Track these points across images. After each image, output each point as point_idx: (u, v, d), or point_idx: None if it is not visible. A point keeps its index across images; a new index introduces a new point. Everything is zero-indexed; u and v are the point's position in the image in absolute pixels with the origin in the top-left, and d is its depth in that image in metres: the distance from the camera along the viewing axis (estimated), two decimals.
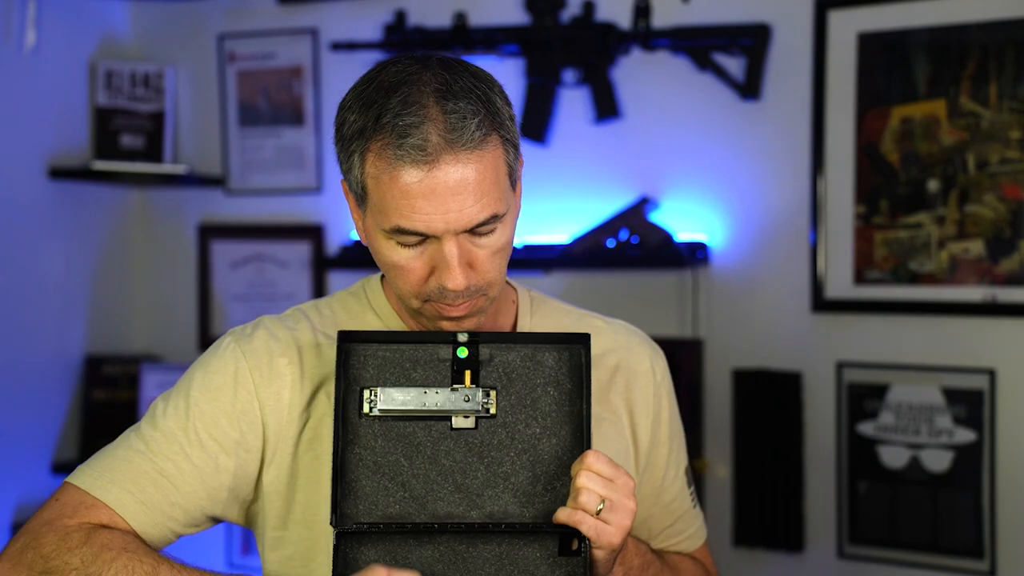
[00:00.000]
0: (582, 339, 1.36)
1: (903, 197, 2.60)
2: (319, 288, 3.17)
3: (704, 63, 2.76)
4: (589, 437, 1.33)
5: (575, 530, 1.29)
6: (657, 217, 2.81)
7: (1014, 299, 2.50)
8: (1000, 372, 2.53)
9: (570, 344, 1.37)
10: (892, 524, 2.63)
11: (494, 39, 2.89)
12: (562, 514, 1.29)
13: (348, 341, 1.36)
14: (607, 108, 2.84)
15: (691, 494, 1.58)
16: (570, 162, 2.89)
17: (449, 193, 1.27)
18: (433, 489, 1.33)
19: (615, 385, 1.49)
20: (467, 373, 1.36)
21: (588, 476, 1.27)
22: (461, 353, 1.35)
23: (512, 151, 1.34)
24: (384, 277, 1.47)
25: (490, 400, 1.35)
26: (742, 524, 2.77)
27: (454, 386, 1.35)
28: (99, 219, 3.25)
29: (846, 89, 2.65)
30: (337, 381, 1.33)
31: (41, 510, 1.34)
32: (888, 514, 2.63)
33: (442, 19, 2.97)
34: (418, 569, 1.31)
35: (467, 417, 1.35)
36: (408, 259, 1.32)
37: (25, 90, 3.01)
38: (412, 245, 1.31)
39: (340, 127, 1.33)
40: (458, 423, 1.35)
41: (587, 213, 2.85)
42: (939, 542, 2.58)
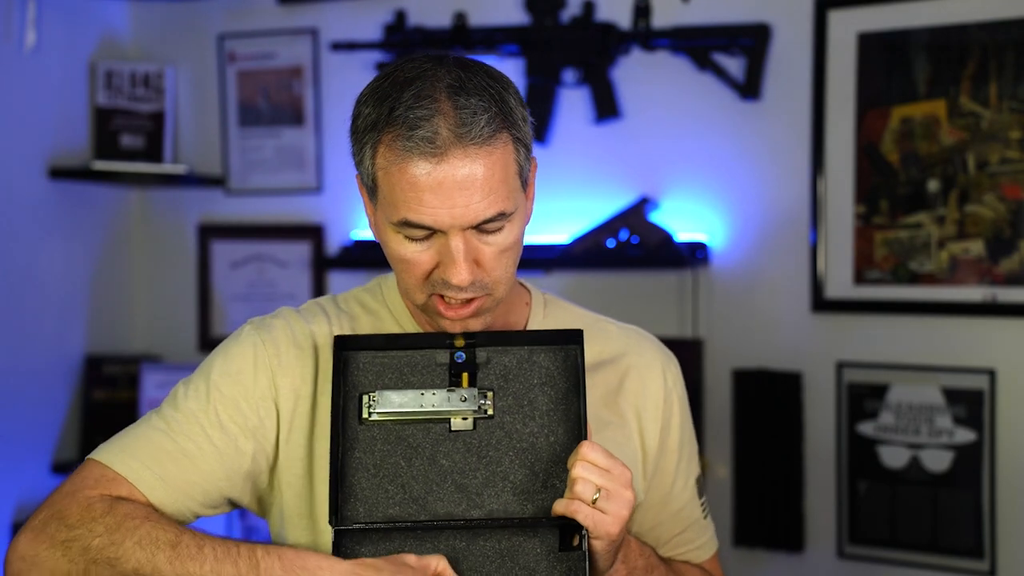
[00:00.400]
0: (576, 338, 1.37)
1: (903, 197, 2.60)
2: (319, 288, 3.16)
3: (704, 63, 2.76)
4: (586, 433, 1.33)
5: (576, 525, 1.29)
6: (657, 217, 2.81)
7: (1014, 299, 2.50)
8: (1000, 372, 2.53)
9: (565, 344, 1.37)
10: (892, 524, 2.62)
11: (494, 39, 2.89)
12: (559, 505, 1.29)
13: (345, 348, 1.37)
14: (607, 108, 2.84)
15: (702, 504, 1.56)
16: (570, 162, 2.89)
17: (456, 187, 1.28)
18: (433, 490, 1.33)
19: (624, 390, 1.48)
20: (464, 375, 1.37)
21: (583, 466, 1.28)
22: (459, 357, 1.36)
23: (523, 151, 1.35)
24: None
25: (487, 401, 1.36)
26: (742, 524, 2.77)
27: (451, 388, 1.36)
28: (99, 219, 3.25)
29: (846, 89, 2.65)
30: (335, 387, 1.34)
31: (62, 485, 1.36)
32: (888, 514, 2.63)
33: (442, 19, 2.97)
34: None
35: (465, 419, 1.35)
36: (415, 253, 1.33)
37: (25, 90, 3.01)
38: (419, 239, 1.32)
39: (355, 120, 1.35)
40: (457, 425, 1.35)
41: (587, 213, 2.85)
42: (939, 542, 2.58)
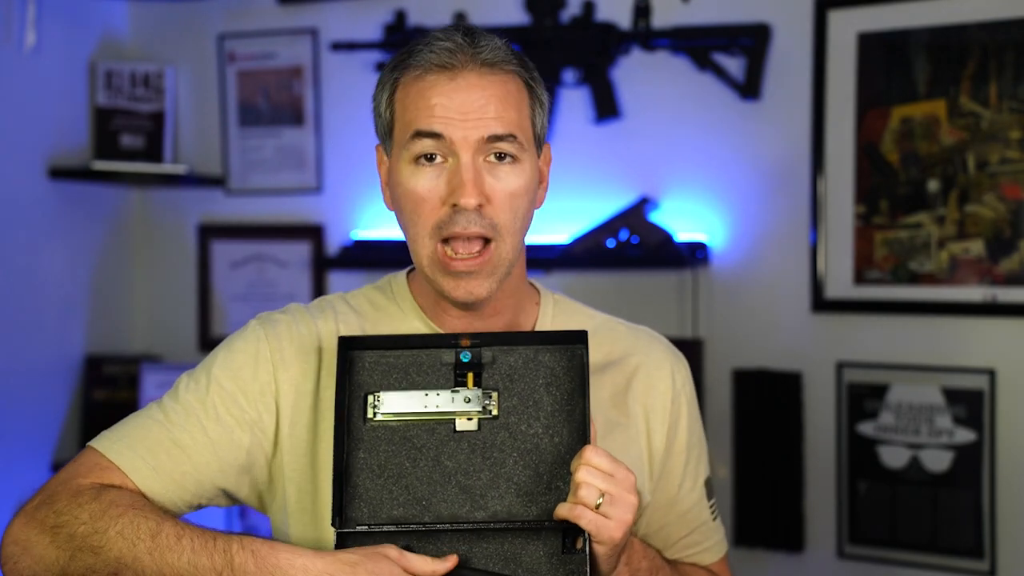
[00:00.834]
0: (581, 338, 1.37)
1: (903, 197, 2.60)
2: (319, 288, 3.16)
3: (704, 63, 2.76)
4: (589, 434, 1.32)
5: (579, 528, 1.29)
6: (657, 217, 2.81)
7: (1014, 299, 2.50)
8: (1000, 372, 2.54)
9: (570, 344, 1.37)
10: (892, 524, 2.63)
11: (496, 35, 2.89)
12: (562, 509, 1.28)
13: (350, 348, 1.37)
14: (607, 108, 2.84)
15: (711, 507, 1.56)
16: (570, 162, 2.89)
17: (469, 98, 1.33)
18: (437, 491, 1.33)
19: (632, 389, 1.48)
20: (470, 375, 1.36)
21: (587, 471, 1.27)
22: (464, 357, 1.36)
23: (539, 108, 1.40)
24: (409, 273, 1.49)
25: (492, 402, 1.36)
26: (742, 524, 2.77)
27: (455, 388, 1.36)
28: (99, 219, 3.25)
29: (846, 89, 2.65)
30: (339, 387, 1.34)
31: (60, 471, 1.38)
32: (888, 514, 2.63)
33: (442, 19, 2.97)
34: None
35: (470, 419, 1.35)
36: (427, 182, 1.35)
37: (25, 90, 3.00)
38: (431, 163, 1.35)
39: (376, 86, 1.41)
40: (461, 425, 1.35)
41: (587, 213, 2.86)
42: (939, 542, 2.58)
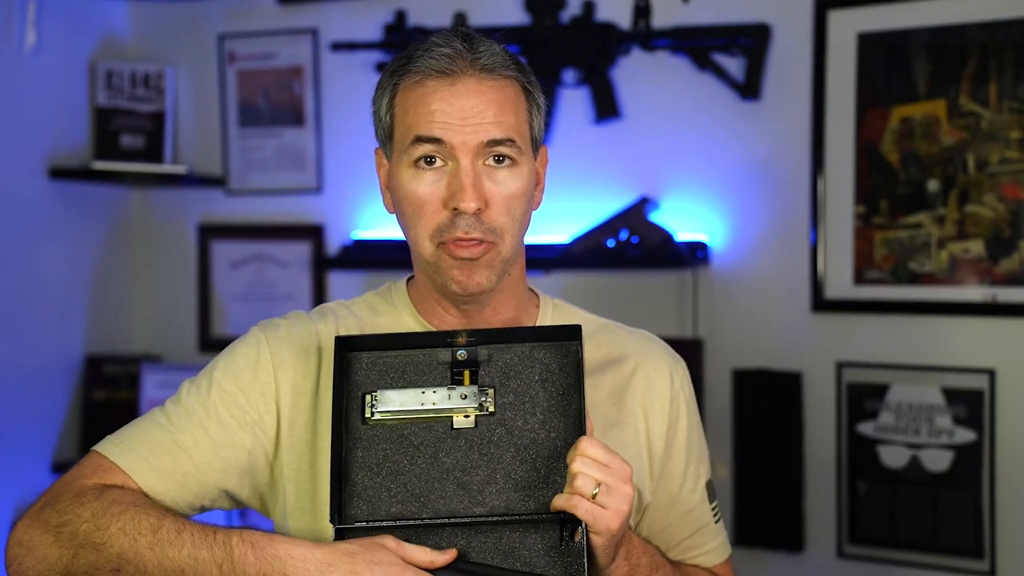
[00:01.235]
0: (576, 334, 1.37)
1: (903, 197, 2.60)
2: (319, 288, 3.16)
3: (704, 63, 2.76)
4: (586, 428, 1.33)
5: (576, 520, 1.29)
6: (657, 217, 2.81)
7: (1014, 299, 2.50)
8: (1000, 372, 2.53)
9: (565, 340, 1.38)
10: (892, 524, 2.63)
11: (494, 39, 2.89)
12: (559, 500, 1.29)
13: (347, 349, 1.37)
14: (607, 108, 2.84)
15: (713, 509, 1.56)
16: (570, 162, 2.89)
17: (469, 103, 1.36)
18: (435, 488, 1.34)
19: (631, 389, 1.49)
20: (466, 373, 1.37)
21: (583, 461, 1.28)
22: (460, 354, 1.37)
23: (536, 112, 1.42)
24: (409, 280, 1.51)
25: (488, 398, 1.36)
26: (742, 524, 2.77)
27: (452, 386, 1.36)
28: (99, 219, 3.25)
29: (846, 89, 2.65)
30: (336, 387, 1.35)
31: (64, 474, 1.42)
32: (888, 514, 2.63)
33: (442, 19, 2.97)
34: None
35: (467, 416, 1.36)
36: (427, 186, 1.37)
37: (25, 90, 3.01)
38: (431, 168, 1.37)
39: (375, 89, 1.43)
40: (458, 423, 1.36)
41: (587, 213, 2.85)
42: (939, 542, 2.58)
